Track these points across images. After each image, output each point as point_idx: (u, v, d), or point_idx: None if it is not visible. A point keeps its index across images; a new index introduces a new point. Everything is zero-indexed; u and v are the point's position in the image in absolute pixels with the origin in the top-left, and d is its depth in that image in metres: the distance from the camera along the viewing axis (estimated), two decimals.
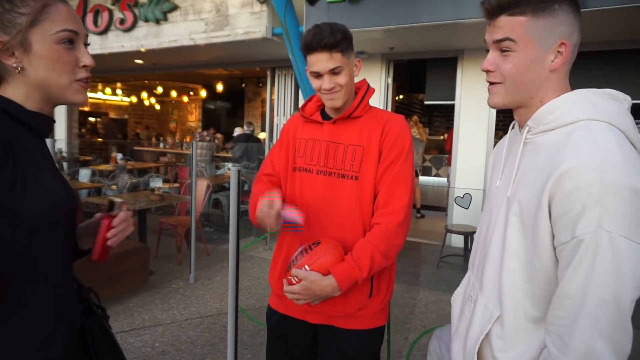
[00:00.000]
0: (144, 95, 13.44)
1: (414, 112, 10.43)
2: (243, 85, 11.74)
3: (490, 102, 0.97)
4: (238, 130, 7.88)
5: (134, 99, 13.87)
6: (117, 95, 13.52)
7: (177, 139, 12.26)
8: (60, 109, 8.85)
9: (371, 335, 1.44)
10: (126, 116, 14.61)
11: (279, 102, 7.07)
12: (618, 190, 0.75)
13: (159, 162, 9.66)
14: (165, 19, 6.11)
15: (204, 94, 12.36)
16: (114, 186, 6.56)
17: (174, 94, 12.77)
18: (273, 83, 7.21)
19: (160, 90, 12.46)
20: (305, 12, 4.80)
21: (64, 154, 8.64)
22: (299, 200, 1.44)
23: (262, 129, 9.77)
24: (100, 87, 12.61)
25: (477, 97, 5.43)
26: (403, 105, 10.45)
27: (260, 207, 1.28)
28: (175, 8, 6.02)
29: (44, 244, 0.88)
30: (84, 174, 6.90)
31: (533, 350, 0.89)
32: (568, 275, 0.79)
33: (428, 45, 5.45)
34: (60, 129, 9.15)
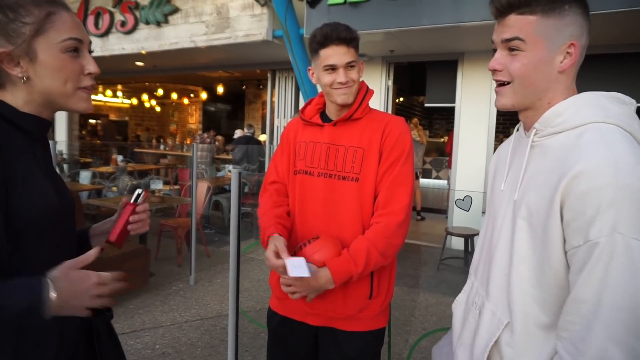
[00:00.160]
0: (145, 97, 13.47)
1: (415, 114, 10.42)
2: (243, 88, 11.75)
3: (497, 103, 0.95)
4: (238, 133, 7.90)
5: (135, 101, 13.88)
6: (117, 98, 13.53)
7: (177, 141, 12.30)
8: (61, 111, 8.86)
9: (371, 337, 1.44)
10: (127, 118, 14.64)
11: (280, 104, 7.08)
12: (632, 192, 0.73)
13: (159, 164, 9.66)
14: (166, 22, 6.12)
15: (204, 96, 12.36)
16: (114, 188, 6.56)
17: (174, 96, 12.78)
18: (273, 85, 7.22)
19: (160, 92, 12.47)
20: (305, 14, 4.80)
21: (65, 156, 8.65)
22: (300, 202, 1.44)
23: (263, 131, 9.77)
24: (101, 89, 12.61)
25: (477, 99, 5.43)
26: (403, 107, 10.46)
27: (267, 256, 1.29)
28: (176, 10, 6.03)
29: (32, 247, 0.87)
30: (85, 176, 6.91)
31: (544, 357, 0.86)
32: (581, 280, 0.77)
33: (428, 48, 5.45)
34: (61, 131, 9.17)
